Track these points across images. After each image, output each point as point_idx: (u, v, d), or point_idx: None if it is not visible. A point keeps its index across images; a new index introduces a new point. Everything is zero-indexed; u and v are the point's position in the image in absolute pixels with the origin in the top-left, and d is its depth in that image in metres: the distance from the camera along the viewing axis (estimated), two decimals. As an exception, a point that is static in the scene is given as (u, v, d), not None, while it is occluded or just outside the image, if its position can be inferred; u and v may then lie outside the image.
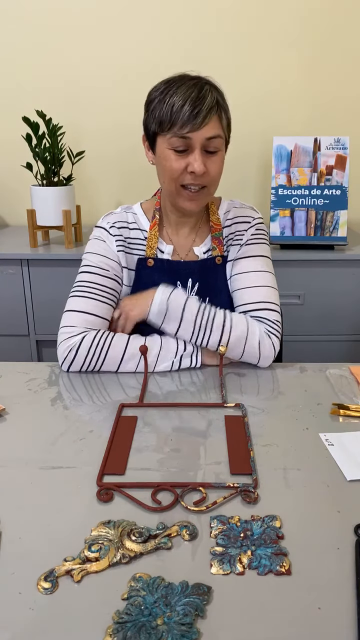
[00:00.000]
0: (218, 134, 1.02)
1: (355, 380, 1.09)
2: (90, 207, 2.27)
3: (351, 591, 0.59)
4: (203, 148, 1.01)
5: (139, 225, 1.17)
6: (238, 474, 0.79)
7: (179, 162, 1.02)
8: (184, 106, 0.98)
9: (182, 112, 0.98)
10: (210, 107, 0.99)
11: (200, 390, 1.05)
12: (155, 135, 1.05)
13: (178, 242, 1.17)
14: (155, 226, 1.15)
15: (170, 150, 1.02)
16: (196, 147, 1.00)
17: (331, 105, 2.20)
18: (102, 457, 0.82)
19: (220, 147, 1.04)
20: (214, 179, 1.06)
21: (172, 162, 1.02)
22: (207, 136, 1.00)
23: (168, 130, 1.01)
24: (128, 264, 1.15)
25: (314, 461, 0.82)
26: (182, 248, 1.17)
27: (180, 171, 1.03)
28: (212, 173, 1.04)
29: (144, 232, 1.16)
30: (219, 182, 1.09)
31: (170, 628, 0.54)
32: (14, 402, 0.99)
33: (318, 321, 1.96)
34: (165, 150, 1.03)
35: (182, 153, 1.02)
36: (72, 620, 0.56)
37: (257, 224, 1.19)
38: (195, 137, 0.99)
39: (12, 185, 2.29)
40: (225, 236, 1.18)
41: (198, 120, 0.98)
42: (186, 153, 1.02)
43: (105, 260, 1.13)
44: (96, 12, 2.10)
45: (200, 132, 0.99)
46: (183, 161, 1.02)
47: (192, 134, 0.99)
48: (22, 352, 1.98)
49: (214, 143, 1.02)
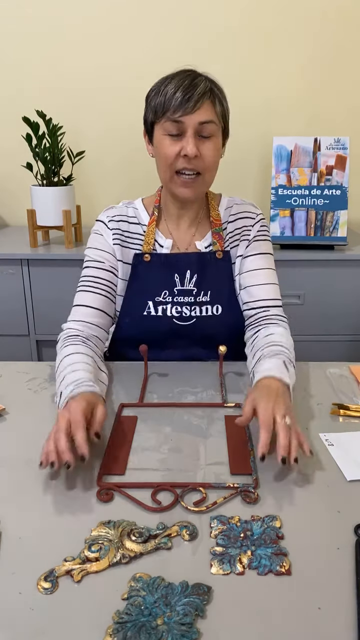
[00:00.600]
0: (211, 119, 1.03)
1: (355, 380, 1.09)
2: (90, 207, 2.27)
3: (351, 591, 0.59)
4: (196, 133, 1.03)
5: (139, 220, 1.18)
6: (238, 474, 0.79)
7: (172, 147, 1.04)
8: (177, 93, 1.01)
9: (174, 97, 1.01)
10: (203, 93, 1.01)
11: (201, 390, 1.05)
12: (153, 125, 1.07)
13: (178, 236, 1.18)
14: (153, 222, 1.16)
15: (164, 136, 1.05)
16: (188, 131, 1.02)
17: (331, 105, 2.20)
18: (102, 457, 0.82)
19: (214, 132, 1.05)
20: (209, 166, 1.06)
21: (166, 148, 1.04)
22: (200, 120, 1.02)
23: (162, 116, 1.03)
24: (124, 258, 1.15)
25: (313, 461, 0.82)
26: (182, 242, 1.17)
27: (174, 156, 1.04)
28: (206, 158, 1.05)
29: (143, 226, 1.17)
30: (214, 171, 1.09)
31: (170, 628, 0.54)
32: (14, 402, 0.99)
33: (318, 321, 1.96)
34: (160, 136, 1.06)
35: (176, 138, 1.04)
36: (72, 620, 0.56)
37: (260, 220, 1.20)
38: (187, 121, 1.01)
39: (12, 185, 2.28)
40: (231, 231, 1.18)
41: (190, 105, 1.00)
42: (180, 137, 1.04)
43: (101, 253, 1.15)
44: (97, 14, 2.10)
45: (192, 116, 1.01)
46: (177, 146, 1.04)
47: (184, 118, 1.01)
48: (22, 352, 1.97)
49: (207, 128, 1.03)
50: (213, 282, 1.16)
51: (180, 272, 1.15)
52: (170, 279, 1.14)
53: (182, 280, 1.15)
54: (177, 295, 1.14)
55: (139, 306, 1.14)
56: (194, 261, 1.15)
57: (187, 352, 1.17)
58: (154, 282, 1.14)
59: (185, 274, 1.15)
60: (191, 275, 1.15)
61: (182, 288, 1.15)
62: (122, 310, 1.17)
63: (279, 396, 0.85)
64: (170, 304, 1.14)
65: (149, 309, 1.14)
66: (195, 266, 1.15)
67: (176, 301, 1.14)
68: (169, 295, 1.14)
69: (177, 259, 1.15)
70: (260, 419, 0.80)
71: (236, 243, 1.18)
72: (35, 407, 0.98)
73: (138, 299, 1.15)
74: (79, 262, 1.18)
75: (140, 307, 1.14)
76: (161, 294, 1.14)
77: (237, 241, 1.18)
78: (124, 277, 1.16)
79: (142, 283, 1.15)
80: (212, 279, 1.16)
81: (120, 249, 1.15)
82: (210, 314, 1.15)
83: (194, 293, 1.15)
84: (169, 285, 1.14)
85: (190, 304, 1.15)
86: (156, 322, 1.14)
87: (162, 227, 1.18)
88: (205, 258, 1.16)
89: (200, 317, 1.15)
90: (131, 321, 1.15)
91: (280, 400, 0.84)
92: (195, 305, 1.15)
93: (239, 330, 1.18)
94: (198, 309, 1.15)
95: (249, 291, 1.16)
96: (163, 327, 1.14)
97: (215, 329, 1.15)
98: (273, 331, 1.09)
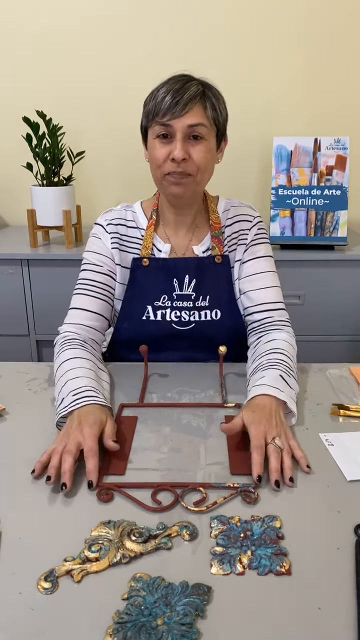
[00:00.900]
0: (200, 122, 1.02)
1: (355, 380, 1.09)
2: (90, 207, 2.27)
3: (351, 591, 0.59)
4: (186, 136, 1.03)
5: (138, 224, 1.17)
6: (238, 474, 0.79)
7: (162, 150, 1.04)
8: (166, 97, 1.01)
9: (164, 101, 1.01)
10: (192, 97, 1.01)
11: (200, 390, 1.05)
12: (147, 130, 1.08)
13: (176, 242, 1.17)
14: (151, 227, 1.16)
15: (155, 140, 1.05)
16: (176, 135, 1.02)
17: (331, 105, 2.20)
18: (102, 457, 0.82)
19: (204, 135, 1.04)
20: (199, 168, 1.05)
21: (156, 151, 1.05)
22: (189, 123, 1.01)
23: (152, 120, 1.04)
24: (122, 262, 1.15)
25: (314, 461, 0.82)
26: (180, 247, 1.17)
27: (162, 158, 1.04)
28: (196, 160, 1.04)
29: (141, 230, 1.17)
30: (207, 174, 1.08)
31: (170, 628, 0.54)
32: (14, 402, 0.99)
33: (318, 321, 1.96)
34: (152, 140, 1.06)
35: (165, 140, 1.04)
36: (72, 620, 0.56)
37: (257, 222, 1.19)
38: (175, 124, 1.01)
39: (12, 185, 2.28)
40: (228, 235, 1.17)
41: (178, 108, 1.00)
42: (170, 141, 1.04)
43: (99, 257, 1.15)
44: (97, 14, 2.10)
45: (180, 119, 1.01)
46: (166, 149, 1.04)
47: (173, 122, 1.01)
48: (22, 352, 1.98)
49: (197, 130, 1.03)
50: (212, 287, 1.15)
51: (179, 277, 1.14)
52: (169, 284, 1.14)
53: (181, 285, 1.14)
54: (176, 300, 1.14)
55: (138, 311, 1.14)
56: (193, 266, 1.14)
57: (185, 356, 1.17)
58: (153, 287, 1.14)
59: (184, 278, 1.14)
60: (190, 280, 1.14)
61: (181, 293, 1.14)
62: (121, 314, 1.16)
63: (271, 417, 0.86)
64: (169, 309, 1.14)
65: (148, 314, 1.14)
66: (193, 271, 1.14)
67: (175, 306, 1.14)
68: (168, 300, 1.14)
69: (176, 264, 1.15)
70: (252, 444, 0.81)
71: (234, 247, 1.17)
72: (35, 407, 0.98)
73: (137, 303, 1.14)
74: (79, 262, 1.18)
75: (139, 311, 1.14)
76: (160, 299, 1.14)
77: (234, 245, 1.17)
78: (122, 281, 1.16)
79: (141, 287, 1.14)
80: (210, 284, 1.15)
81: (118, 252, 1.14)
82: (209, 319, 1.15)
83: (192, 298, 1.14)
84: (167, 290, 1.14)
85: (189, 309, 1.14)
86: (155, 326, 1.14)
87: (160, 231, 1.18)
88: (204, 263, 1.15)
89: (199, 322, 1.14)
90: (130, 325, 1.15)
91: (272, 421, 0.85)
92: (194, 310, 1.14)
93: (238, 335, 1.18)
94: (197, 313, 1.14)
95: (249, 296, 1.15)
96: (162, 332, 1.14)
97: (215, 334, 1.14)
98: (275, 337, 1.09)
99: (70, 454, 0.78)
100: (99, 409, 0.87)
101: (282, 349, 1.04)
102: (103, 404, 0.89)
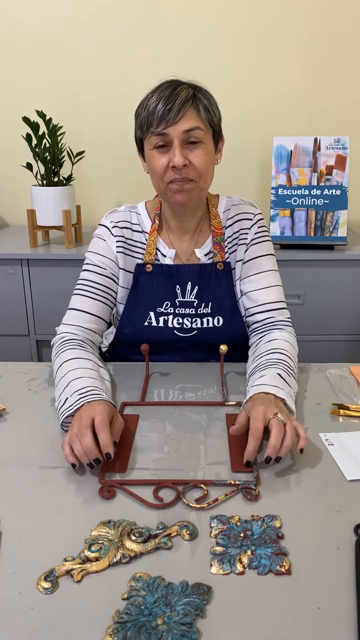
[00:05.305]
0: (195, 126, 1.01)
1: (355, 380, 1.09)
2: (90, 207, 2.27)
3: (351, 591, 0.59)
4: (183, 142, 1.02)
5: (142, 227, 1.16)
6: (239, 472, 0.79)
7: (161, 160, 1.03)
8: (158, 105, 1.00)
9: (156, 111, 1.00)
10: (184, 102, 1.00)
11: (202, 388, 1.05)
12: (143, 142, 1.07)
13: (181, 248, 1.16)
14: (154, 231, 1.15)
15: (153, 150, 1.04)
16: (174, 142, 1.01)
17: (331, 105, 2.20)
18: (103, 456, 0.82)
19: (201, 138, 1.03)
20: (200, 172, 1.04)
21: (156, 161, 1.04)
22: (184, 129, 1.01)
23: (147, 131, 1.03)
24: (126, 266, 1.14)
25: (314, 461, 0.82)
26: (184, 253, 1.16)
27: (163, 168, 1.03)
28: (197, 165, 1.03)
29: (146, 234, 1.16)
30: (209, 177, 1.08)
31: (170, 628, 0.54)
32: (14, 402, 0.99)
33: (318, 321, 1.96)
34: (149, 152, 1.05)
35: (163, 149, 1.03)
36: (72, 620, 0.56)
37: (258, 220, 1.18)
38: (171, 132, 1.01)
39: (12, 185, 2.28)
40: (229, 236, 1.17)
41: (171, 115, 0.99)
42: (168, 149, 1.03)
43: (102, 259, 1.13)
44: (98, 14, 2.10)
45: (175, 126, 1.00)
46: (165, 158, 1.03)
47: (168, 130, 1.01)
48: (22, 352, 1.98)
49: (193, 135, 1.02)
50: (214, 294, 1.15)
51: (181, 283, 1.14)
52: (171, 290, 1.14)
53: (184, 291, 1.14)
54: (178, 306, 1.14)
55: (140, 316, 1.14)
56: (195, 273, 1.14)
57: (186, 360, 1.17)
58: (155, 293, 1.14)
59: (187, 285, 1.14)
60: (192, 286, 1.14)
61: (184, 300, 1.14)
62: (123, 319, 1.16)
63: (271, 402, 0.86)
64: (171, 315, 1.14)
65: (150, 320, 1.13)
66: (196, 278, 1.14)
67: (177, 312, 1.14)
68: (170, 307, 1.14)
69: (179, 270, 1.14)
70: (250, 427, 0.81)
71: (234, 248, 1.17)
72: (35, 407, 0.98)
73: (140, 309, 1.14)
74: (79, 262, 1.17)
75: (141, 317, 1.14)
76: (163, 305, 1.13)
77: (235, 246, 1.17)
78: (125, 285, 1.15)
79: (144, 293, 1.14)
80: (213, 291, 1.15)
81: (123, 257, 1.14)
82: (211, 326, 1.14)
83: (195, 305, 1.14)
84: (170, 297, 1.14)
85: (191, 316, 1.14)
86: (157, 333, 1.13)
87: (164, 236, 1.17)
88: (207, 269, 1.15)
89: (201, 328, 1.14)
90: (132, 331, 1.15)
91: (272, 405, 0.84)
92: (197, 317, 1.14)
93: (240, 342, 1.17)
94: (199, 320, 1.14)
95: (250, 297, 1.15)
96: (164, 338, 1.14)
97: (216, 341, 1.12)
98: (276, 336, 1.09)
99: (87, 427, 0.79)
100: (108, 405, 0.87)
101: (282, 349, 1.04)
102: (109, 401, 0.89)
